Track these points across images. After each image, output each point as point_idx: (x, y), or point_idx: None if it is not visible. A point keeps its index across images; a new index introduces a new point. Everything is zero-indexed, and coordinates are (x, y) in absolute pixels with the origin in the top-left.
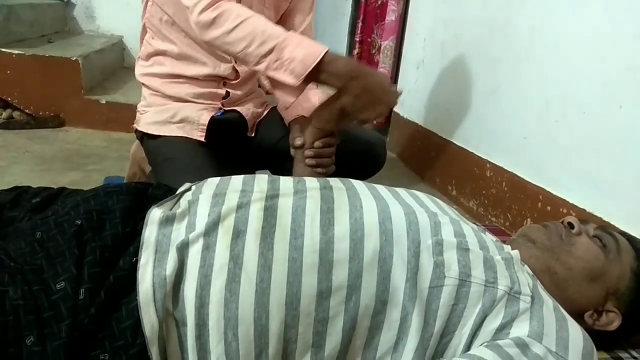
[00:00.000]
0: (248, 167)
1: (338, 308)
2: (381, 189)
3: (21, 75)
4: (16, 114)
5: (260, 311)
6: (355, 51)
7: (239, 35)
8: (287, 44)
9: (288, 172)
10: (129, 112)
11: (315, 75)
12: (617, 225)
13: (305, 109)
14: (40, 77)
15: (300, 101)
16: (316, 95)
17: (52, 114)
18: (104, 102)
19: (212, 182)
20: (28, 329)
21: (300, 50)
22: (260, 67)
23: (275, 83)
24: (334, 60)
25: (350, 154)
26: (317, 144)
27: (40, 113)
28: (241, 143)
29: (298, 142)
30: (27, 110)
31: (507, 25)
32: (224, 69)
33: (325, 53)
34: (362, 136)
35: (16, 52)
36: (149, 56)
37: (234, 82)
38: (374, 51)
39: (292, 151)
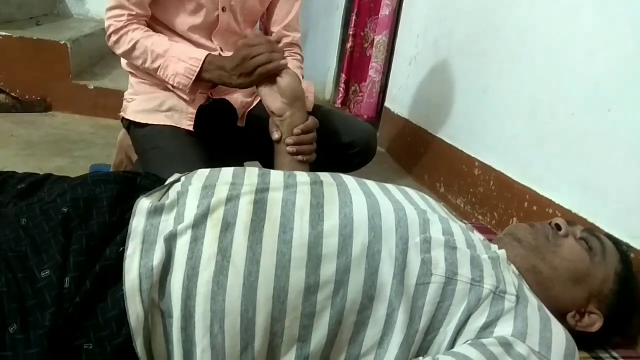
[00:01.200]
0: (237, 158)
1: (325, 303)
2: (371, 184)
3: (7, 57)
4: (2, 96)
5: (247, 304)
6: (348, 44)
7: (135, 55)
8: (169, 62)
9: None
10: (117, 98)
11: (200, 78)
12: (601, 227)
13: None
14: (27, 60)
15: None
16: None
17: (38, 98)
18: (91, 87)
19: (202, 174)
20: (11, 317)
21: (181, 65)
22: (165, 80)
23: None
24: (214, 59)
25: (341, 145)
26: (296, 131)
27: (27, 97)
28: (230, 133)
29: (276, 135)
30: (13, 94)
31: (500, 25)
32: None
33: (205, 58)
34: (353, 127)
35: (3, 33)
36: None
37: None
38: (366, 45)
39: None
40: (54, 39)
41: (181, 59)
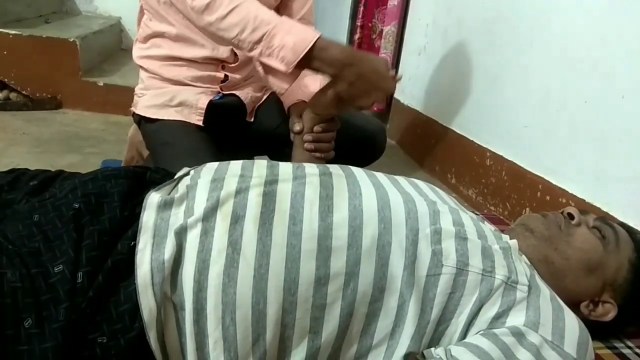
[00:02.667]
0: (246, 152)
1: (336, 295)
2: (380, 176)
3: (18, 56)
4: (13, 95)
5: (258, 296)
6: (357, 36)
7: (233, 21)
8: (277, 31)
9: (287, 157)
10: (127, 94)
11: (308, 62)
12: (615, 216)
13: (304, 94)
14: (37, 58)
15: (299, 86)
16: (314, 81)
17: (49, 96)
18: (101, 84)
19: (211, 167)
20: (26, 312)
21: (290, 38)
22: (254, 53)
23: (269, 69)
24: (327, 47)
25: (350, 141)
26: (317, 128)
27: (38, 95)
28: (240, 128)
29: (297, 127)
30: (24, 92)
31: (511, 13)
32: (222, 51)
33: (317, 40)
34: (362, 123)
35: (13, 32)
36: (147, 38)
37: (232, 65)
38: (374, 36)
39: (292, 136)
40: (63, 36)
41: (291, 31)
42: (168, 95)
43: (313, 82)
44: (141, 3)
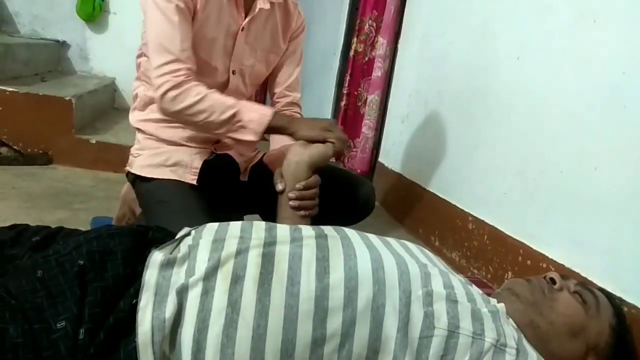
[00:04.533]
0: (238, 211)
1: (331, 356)
2: (373, 238)
3: (13, 112)
4: (4, 149)
5: (256, 357)
6: (343, 102)
7: (200, 108)
8: (242, 112)
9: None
10: (118, 152)
11: (269, 129)
12: (594, 281)
13: (279, 159)
14: (32, 115)
15: (283, 151)
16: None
17: (40, 151)
18: (94, 141)
19: (212, 228)
20: None
21: (254, 114)
22: (220, 131)
23: (237, 140)
24: (281, 115)
25: (340, 199)
26: (298, 186)
27: (29, 150)
28: (233, 187)
29: (280, 186)
30: (15, 147)
31: (488, 87)
32: (183, 123)
33: (275, 113)
34: (353, 183)
35: (10, 89)
36: (145, 106)
37: None
38: (359, 104)
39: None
40: (60, 95)
41: (253, 109)
42: (164, 155)
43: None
44: (138, 75)
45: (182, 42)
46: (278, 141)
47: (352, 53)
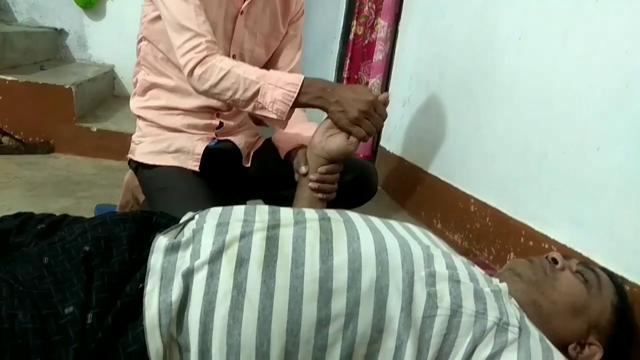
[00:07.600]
0: (241, 197)
1: (336, 336)
2: (376, 221)
3: (13, 101)
4: (5, 139)
5: (262, 338)
6: None
7: (225, 86)
8: (266, 89)
9: (282, 200)
10: (120, 139)
11: (297, 103)
12: (596, 261)
13: (302, 140)
14: (32, 104)
15: (294, 134)
16: (310, 127)
17: (42, 140)
18: (95, 129)
19: (215, 212)
20: (36, 353)
21: (278, 92)
22: (248, 109)
23: (265, 117)
24: (311, 83)
25: (344, 183)
26: (321, 169)
27: (30, 139)
28: (235, 172)
29: (303, 169)
30: (17, 136)
31: (490, 68)
32: (216, 100)
33: (302, 83)
34: (356, 166)
35: (10, 78)
36: (145, 91)
37: (226, 113)
38: None
39: (297, 176)
40: (59, 83)
41: (278, 85)
42: (165, 142)
43: (309, 128)
44: (138, 59)
45: (197, 16)
46: (291, 125)
47: (351, 36)
